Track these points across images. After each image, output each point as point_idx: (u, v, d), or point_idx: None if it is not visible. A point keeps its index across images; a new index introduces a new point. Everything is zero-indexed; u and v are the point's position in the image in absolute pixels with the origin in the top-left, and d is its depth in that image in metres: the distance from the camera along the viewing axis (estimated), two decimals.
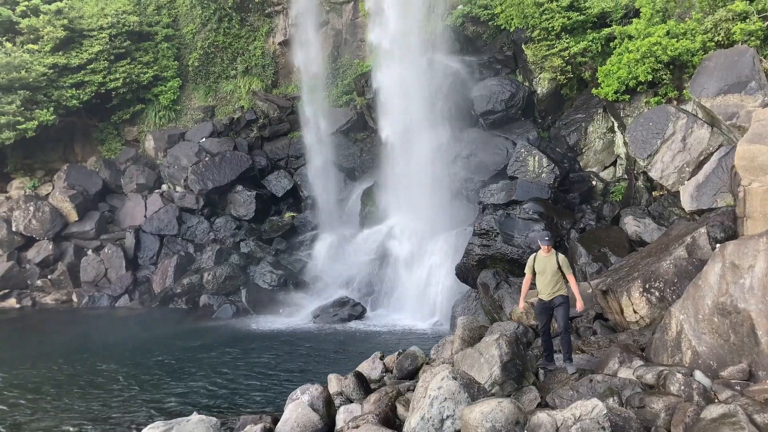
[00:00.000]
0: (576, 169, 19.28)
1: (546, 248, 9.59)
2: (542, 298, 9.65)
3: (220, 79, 28.83)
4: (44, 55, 25.18)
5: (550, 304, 9.59)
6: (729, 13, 15.24)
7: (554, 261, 9.54)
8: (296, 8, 26.37)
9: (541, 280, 9.60)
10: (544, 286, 9.57)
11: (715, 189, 14.04)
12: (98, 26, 26.40)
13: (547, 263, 9.57)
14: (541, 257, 9.68)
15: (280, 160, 26.38)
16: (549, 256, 9.59)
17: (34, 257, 24.41)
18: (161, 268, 23.34)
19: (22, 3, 25.65)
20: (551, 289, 9.54)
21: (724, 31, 15.40)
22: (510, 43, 22.33)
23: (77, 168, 26.91)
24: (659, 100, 16.64)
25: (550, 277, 9.50)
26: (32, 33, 25.34)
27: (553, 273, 9.50)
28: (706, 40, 15.69)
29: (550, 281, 9.51)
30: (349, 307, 19.59)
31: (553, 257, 9.57)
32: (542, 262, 9.63)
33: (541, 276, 9.60)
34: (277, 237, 23.94)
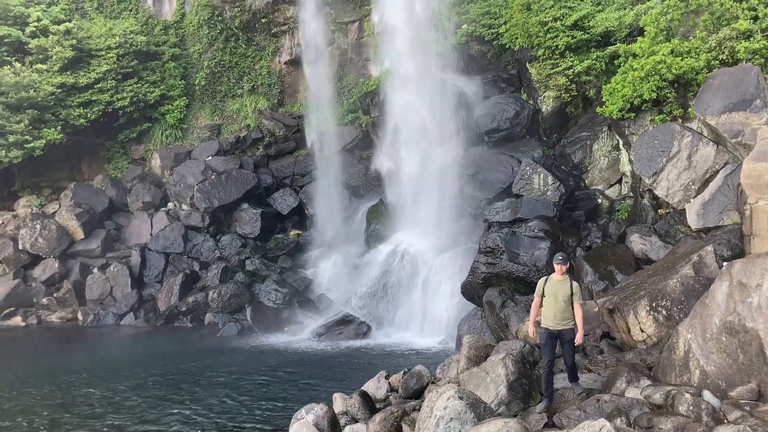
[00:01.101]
0: (581, 187, 19.26)
1: (561, 270, 9.03)
2: (548, 326, 9.02)
3: (226, 98, 29.07)
4: (53, 75, 25.46)
5: (557, 335, 9.00)
6: (733, 32, 15.29)
7: (568, 287, 9.01)
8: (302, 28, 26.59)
9: (551, 305, 8.99)
10: (553, 312, 8.97)
11: (722, 207, 13.98)
12: (106, 46, 26.70)
13: (560, 288, 9.01)
14: (554, 280, 9.09)
15: (286, 178, 26.48)
16: (563, 281, 9.04)
17: (40, 275, 24.46)
18: (166, 286, 23.35)
19: (31, 23, 25.98)
20: (561, 318, 8.96)
21: (728, 49, 15.45)
22: (514, 62, 22.45)
23: (84, 186, 27.07)
24: (664, 118, 16.66)
25: (562, 304, 8.94)
26: (41, 53, 25.65)
27: (565, 299, 8.96)
28: (710, 58, 15.73)
29: (562, 308, 8.94)
30: (354, 325, 19.52)
31: (567, 283, 9.04)
32: (555, 285, 9.05)
33: (551, 300, 9.00)
34: (283, 255, 23.95)
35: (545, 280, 9.22)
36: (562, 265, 9.04)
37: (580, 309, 9.08)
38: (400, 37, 22.18)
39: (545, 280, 9.21)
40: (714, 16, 15.89)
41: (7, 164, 25.15)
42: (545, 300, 9.09)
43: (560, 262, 9.06)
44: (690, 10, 16.76)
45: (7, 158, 24.45)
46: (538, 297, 9.21)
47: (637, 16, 18.65)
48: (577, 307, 9.04)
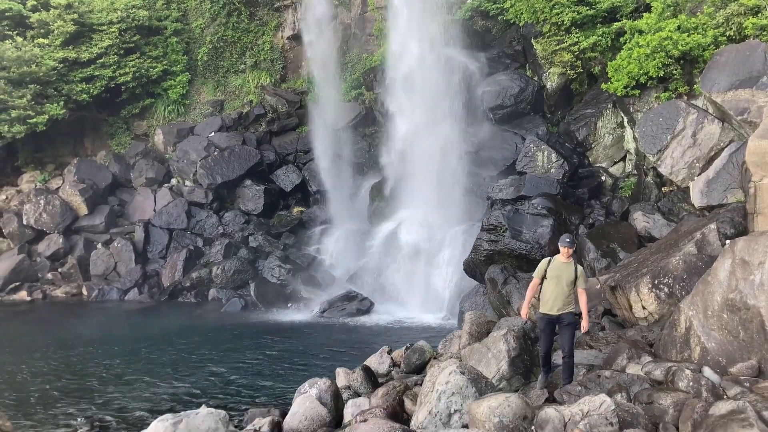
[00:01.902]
0: (585, 165, 19.21)
1: (567, 253, 8.57)
2: (546, 312, 8.61)
3: (228, 73, 28.90)
4: (54, 50, 25.31)
5: (556, 320, 8.59)
6: (741, 8, 15.12)
7: (572, 270, 8.58)
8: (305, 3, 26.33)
9: (552, 288, 8.56)
10: (554, 296, 8.55)
11: (726, 185, 13.95)
12: (108, 21, 26.49)
13: (564, 271, 8.55)
14: (558, 262, 8.61)
15: (289, 154, 26.42)
16: (568, 263, 8.60)
17: (44, 250, 24.59)
18: (170, 262, 23.46)
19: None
20: (562, 303, 8.55)
21: (735, 25, 15.29)
22: (519, 38, 22.25)
23: (87, 162, 27.08)
24: (669, 95, 16.55)
25: (565, 288, 8.53)
26: (42, 27, 25.47)
27: (568, 283, 8.55)
28: (717, 34, 15.58)
29: (564, 293, 8.54)
30: (357, 301, 19.63)
31: (572, 266, 8.61)
32: (559, 268, 8.57)
33: (554, 283, 8.56)
34: (286, 231, 24.00)
35: (548, 261, 8.76)
36: (569, 248, 8.58)
37: (584, 294, 8.75)
38: (404, 12, 21.94)
39: (548, 262, 8.75)
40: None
41: (10, 139, 25.14)
42: (546, 283, 8.65)
43: (567, 244, 8.58)
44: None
45: (9, 133, 24.42)
46: (538, 278, 8.76)
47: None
48: (581, 293, 8.70)
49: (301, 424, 8.79)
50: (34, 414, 11.46)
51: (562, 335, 8.63)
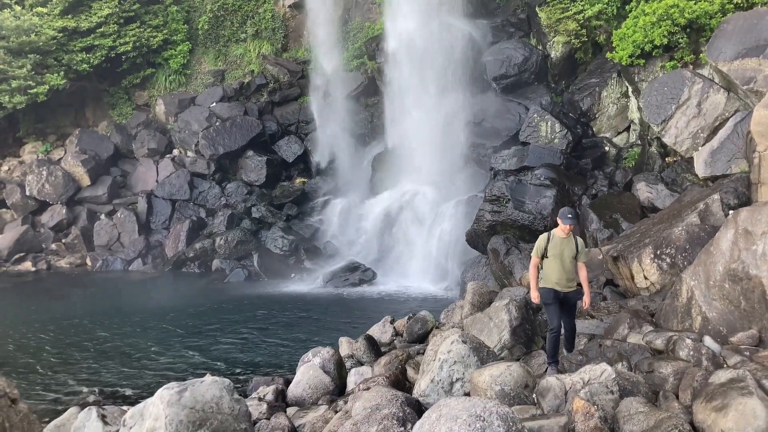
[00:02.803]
0: (589, 135, 19.10)
1: (566, 230, 8.13)
2: (554, 288, 8.14)
3: (230, 42, 28.58)
4: (54, 19, 25.05)
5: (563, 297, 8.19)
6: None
7: (573, 245, 8.21)
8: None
9: (555, 265, 8.13)
10: (560, 273, 8.13)
11: (730, 155, 13.87)
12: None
13: (565, 246, 8.15)
14: (558, 238, 8.17)
15: (291, 125, 26.26)
16: (568, 238, 8.19)
17: (48, 221, 24.66)
18: (173, 233, 23.53)
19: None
20: (567, 279, 8.17)
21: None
22: (524, 6, 21.94)
23: (89, 133, 26.99)
24: (675, 64, 16.37)
25: (568, 264, 8.14)
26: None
27: (571, 259, 8.16)
28: (725, 2, 15.35)
29: (568, 268, 8.15)
30: (360, 272, 19.72)
31: (572, 240, 8.23)
32: (559, 244, 8.15)
33: (556, 261, 8.13)
34: (288, 202, 23.99)
35: (547, 238, 8.27)
36: (570, 226, 8.14)
37: (585, 269, 8.44)
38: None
39: (547, 239, 8.25)
40: None
41: (11, 110, 25.01)
42: (548, 261, 8.22)
43: (569, 221, 8.13)
44: None
45: (10, 104, 24.30)
46: (538, 258, 8.27)
47: None
48: (581, 267, 8.37)
49: (304, 392, 8.91)
50: (41, 382, 11.63)
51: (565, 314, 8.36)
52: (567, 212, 8.26)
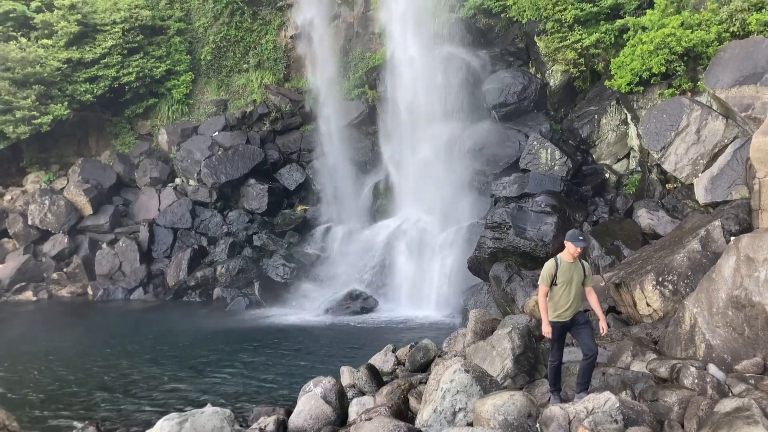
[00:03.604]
0: (589, 162, 19.18)
1: (576, 253, 7.80)
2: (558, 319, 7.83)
3: (232, 72, 28.91)
4: (58, 50, 25.38)
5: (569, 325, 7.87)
6: (744, 3, 15.07)
7: (581, 269, 7.92)
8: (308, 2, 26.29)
9: (564, 294, 7.76)
10: (570, 300, 7.78)
11: (730, 181, 13.92)
12: (111, 21, 26.56)
13: (574, 272, 7.80)
14: (566, 264, 7.79)
15: (293, 153, 26.44)
16: (575, 262, 7.85)
17: (49, 250, 24.68)
18: (175, 261, 23.52)
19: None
20: (577, 306, 7.85)
21: (739, 21, 15.24)
22: (522, 35, 22.21)
23: (91, 162, 27.16)
24: (673, 92, 16.51)
25: (575, 291, 7.80)
26: (46, 28, 25.52)
27: (578, 285, 7.84)
28: (721, 30, 15.53)
29: (576, 295, 7.81)
30: (361, 299, 19.66)
31: (579, 265, 7.93)
32: (568, 270, 7.76)
33: (565, 289, 7.76)
34: (290, 230, 24.03)
35: (555, 265, 7.86)
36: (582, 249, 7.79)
37: (594, 293, 8.16)
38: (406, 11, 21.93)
39: (555, 266, 7.85)
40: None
41: (14, 140, 25.23)
42: (558, 289, 7.81)
43: (581, 243, 7.79)
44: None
45: (14, 134, 24.51)
46: (547, 286, 7.83)
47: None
48: (590, 291, 8.10)
49: (306, 423, 8.83)
50: (40, 414, 11.53)
51: (580, 335, 7.97)
52: (578, 234, 7.94)
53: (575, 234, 7.97)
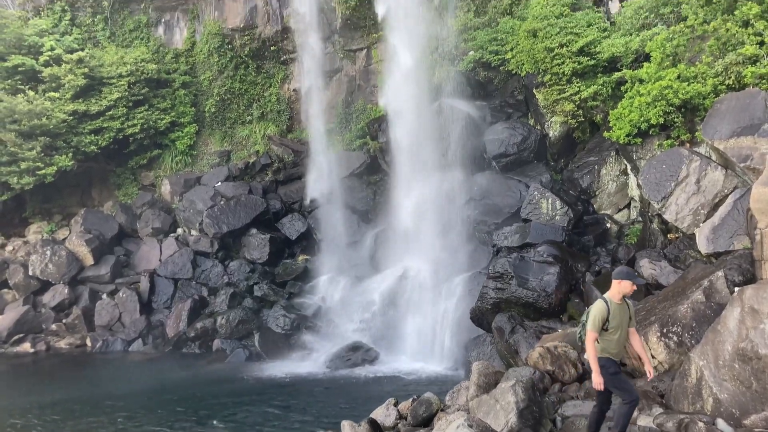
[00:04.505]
0: (590, 212, 19.23)
1: (632, 291, 7.36)
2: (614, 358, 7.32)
3: (236, 124, 29.33)
4: (65, 103, 25.77)
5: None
6: (739, 57, 15.35)
7: (627, 310, 7.51)
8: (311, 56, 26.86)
9: (616, 338, 7.31)
10: (619, 345, 7.35)
11: (732, 231, 13.90)
12: (117, 74, 27.06)
13: (623, 315, 7.37)
14: (615, 305, 7.36)
15: (295, 203, 26.56)
16: (622, 304, 7.43)
17: (49, 301, 24.53)
18: (175, 312, 23.34)
19: (45, 53, 26.39)
20: (623, 351, 7.51)
21: (734, 74, 15.49)
22: (521, 88, 22.59)
23: (94, 212, 27.26)
24: (672, 142, 16.67)
25: (624, 334, 7.38)
26: (54, 81, 25.99)
27: (625, 328, 7.42)
28: (717, 83, 15.78)
29: (624, 339, 7.41)
30: (362, 351, 19.41)
31: (626, 305, 7.50)
32: (619, 312, 7.34)
33: (618, 333, 7.32)
34: (291, 280, 23.92)
35: (606, 307, 7.33)
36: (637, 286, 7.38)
37: (637, 335, 7.73)
38: (408, 65, 22.37)
39: (606, 308, 7.31)
40: (720, 41, 15.97)
41: (18, 191, 25.39)
42: (608, 335, 7.31)
43: (640, 281, 7.47)
44: (695, 36, 16.86)
45: (18, 185, 24.70)
46: (597, 332, 7.28)
47: (643, 42, 18.75)
48: (634, 332, 7.66)
49: None
50: None
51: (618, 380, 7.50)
52: (633, 271, 7.46)
53: (630, 271, 7.56)
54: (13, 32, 25.93)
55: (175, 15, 30.03)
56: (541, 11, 21.34)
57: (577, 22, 20.64)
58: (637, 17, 19.82)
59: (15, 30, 26.09)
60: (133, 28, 29.89)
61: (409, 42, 22.38)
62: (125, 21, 29.80)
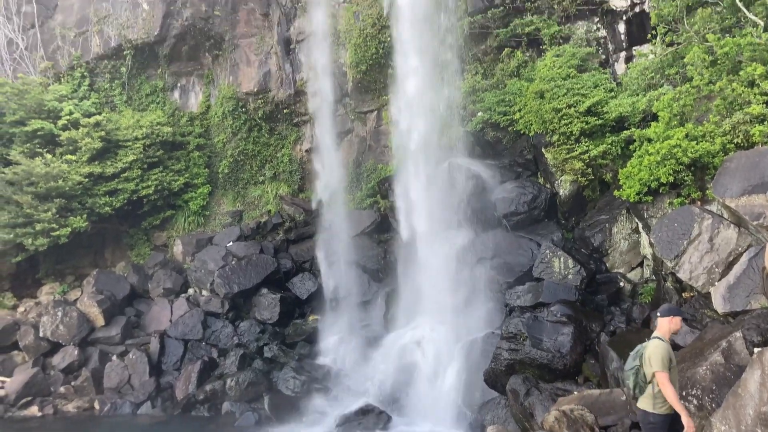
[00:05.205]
0: (602, 270, 19.07)
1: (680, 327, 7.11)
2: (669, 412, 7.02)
3: (248, 184, 29.72)
4: (81, 165, 26.25)
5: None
6: (746, 116, 15.48)
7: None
8: (323, 118, 27.41)
9: (675, 378, 7.00)
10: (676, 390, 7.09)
11: (748, 290, 13.71)
12: (133, 137, 27.62)
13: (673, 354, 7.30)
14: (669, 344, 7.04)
15: (305, 262, 26.57)
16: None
17: (59, 363, 24.35)
18: (185, 374, 23.07)
19: (64, 117, 27.07)
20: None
21: (742, 133, 15.59)
22: (530, 147, 22.80)
23: (106, 273, 27.36)
24: (683, 200, 16.65)
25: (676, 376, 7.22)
26: (71, 144, 26.55)
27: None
28: (725, 141, 15.87)
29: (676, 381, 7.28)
30: (374, 415, 18.98)
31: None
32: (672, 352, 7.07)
33: (675, 372, 7.16)
34: (301, 341, 23.69)
35: (665, 347, 7.06)
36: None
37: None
38: (417, 125, 22.72)
39: (667, 347, 7.02)
40: (726, 101, 16.14)
41: (32, 252, 25.60)
42: (672, 375, 7.04)
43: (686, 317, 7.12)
44: (702, 96, 17.06)
45: (33, 246, 24.90)
46: (668, 371, 7.02)
47: (650, 102, 18.99)
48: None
49: None
50: None
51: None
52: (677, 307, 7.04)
53: (677, 307, 7.36)
54: (34, 98, 26.69)
55: (191, 80, 30.88)
56: (548, 73, 21.74)
57: (584, 83, 20.98)
58: (643, 78, 20.12)
59: (36, 95, 26.86)
60: (150, 93, 30.70)
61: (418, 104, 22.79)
62: (142, 86, 30.63)
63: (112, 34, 29.79)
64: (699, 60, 16.96)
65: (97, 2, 30.30)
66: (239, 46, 29.66)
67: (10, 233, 24.53)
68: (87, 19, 30.29)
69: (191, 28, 29.37)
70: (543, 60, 23.02)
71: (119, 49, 29.74)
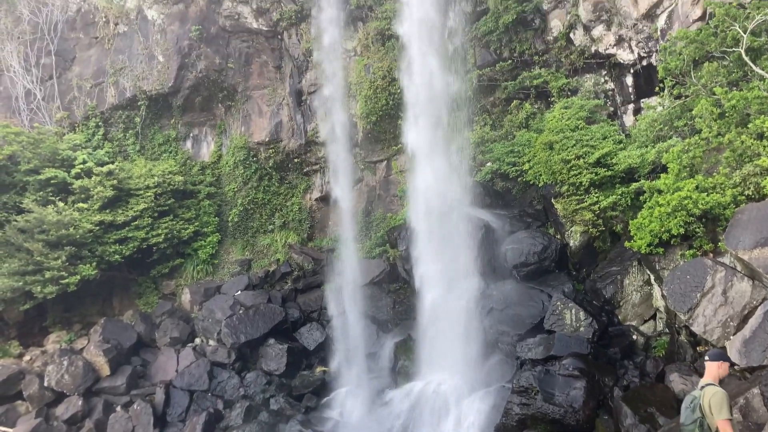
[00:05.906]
0: (615, 323, 18.77)
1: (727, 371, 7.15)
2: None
3: (257, 233, 29.79)
4: (92, 213, 26.42)
5: None
6: (756, 168, 15.46)
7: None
8: (333, 168, 27.63)
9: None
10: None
11: (764, 345, 13.42)
12: (145, 185, 27.88)
13: None
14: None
15: (313, 312, 26.36)
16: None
17: (62, 414, 23.97)
18: (189, 426, 22.62)
19: (77, 165, 27.41)
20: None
21: (753, 185, 15.55)
22: (539, 198, 22.80)
23: (113, 322, 27.19)
24: (694, 252, 16.50)
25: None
26: (83, 193, 26.81)
27: None
28: (736, 193, 15.81)
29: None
30: None
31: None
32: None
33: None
34: (308, 393, 23.29)
35: (724, 392, 7.08)
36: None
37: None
38: (426, 176, 22.82)
39: (726, 393, 7.07)
40: (736, 153, 16.16)
41: (41, 300, 25.54)
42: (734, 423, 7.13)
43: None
44: (711, 148, 17.09)
45: (41, 294, 24.87)
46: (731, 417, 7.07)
47: (659, 154, 19.02)
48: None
49: None
50: None
51: None
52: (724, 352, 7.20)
53: (719, 352, 7.35)
54: (48, 147, 27.10)
55: (204, 129, 31.35)
56: (557, 124, 21.93)
57: (593, 135, 21.12)
58: (651, 130, 20.22)
59: (50, 144, 27.28)
60: (163, 142, 31.15)
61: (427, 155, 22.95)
62: (155, 135, 31.11)
63: (127, 85, 30.45)
64: (707, 112, 17.05)
65: (114, 54, 31.08)
66: (252, 98, 30.21)
67: (19, 281, 24.54)
68: (103, 70, 31.03)
69: (205, 80, 29.99)
70: (551, 111, 23.26)
71: (134, 100, 30.34)
